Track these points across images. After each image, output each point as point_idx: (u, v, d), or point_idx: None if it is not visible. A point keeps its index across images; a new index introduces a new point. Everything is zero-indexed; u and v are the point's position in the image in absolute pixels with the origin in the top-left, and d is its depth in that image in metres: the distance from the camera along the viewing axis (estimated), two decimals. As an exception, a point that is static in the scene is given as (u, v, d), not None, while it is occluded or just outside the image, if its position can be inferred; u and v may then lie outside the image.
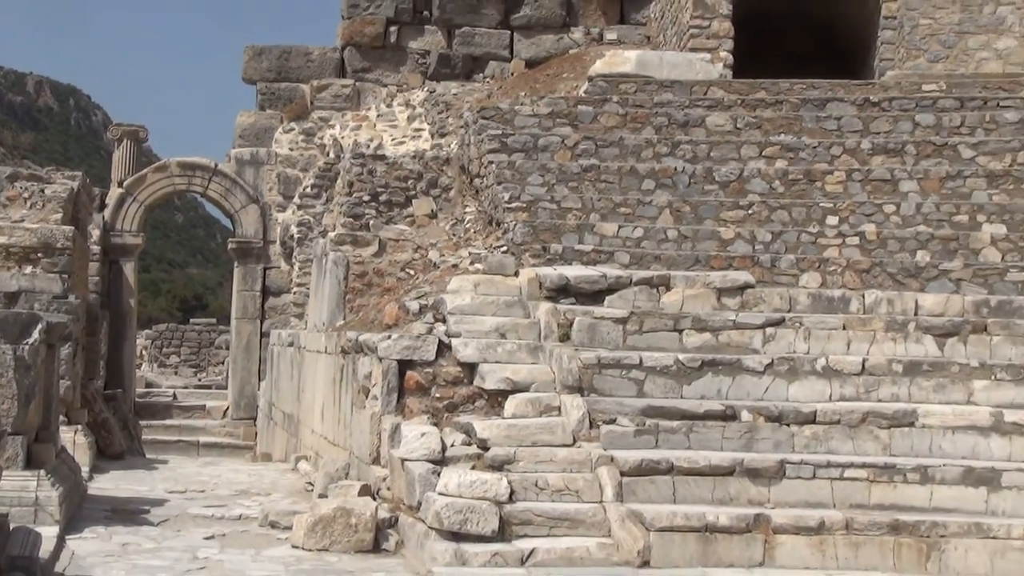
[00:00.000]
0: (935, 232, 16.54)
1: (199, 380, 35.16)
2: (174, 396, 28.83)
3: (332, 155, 23.72)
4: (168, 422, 25.94)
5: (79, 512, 14.49)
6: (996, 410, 14.08)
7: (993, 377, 14.56)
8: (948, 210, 16.67)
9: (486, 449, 13.00)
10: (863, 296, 15.68)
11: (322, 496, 14.69)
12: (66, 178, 20.07)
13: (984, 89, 17.53)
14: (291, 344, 21.56)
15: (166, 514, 15.03)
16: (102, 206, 25.70)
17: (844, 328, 15.21)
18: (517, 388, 13.92)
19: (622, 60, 19.16)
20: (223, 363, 33.76)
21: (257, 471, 20.55)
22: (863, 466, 13.57)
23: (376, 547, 12.92)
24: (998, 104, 17.20)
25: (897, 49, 21.20)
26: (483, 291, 15.47)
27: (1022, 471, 13.42)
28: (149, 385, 31.03)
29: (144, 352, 36.49)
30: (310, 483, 16.98)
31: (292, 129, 26.48)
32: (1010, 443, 13.86)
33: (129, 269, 26.06)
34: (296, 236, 22.99)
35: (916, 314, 15.38)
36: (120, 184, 26.32)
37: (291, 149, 26.11)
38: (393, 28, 26.79)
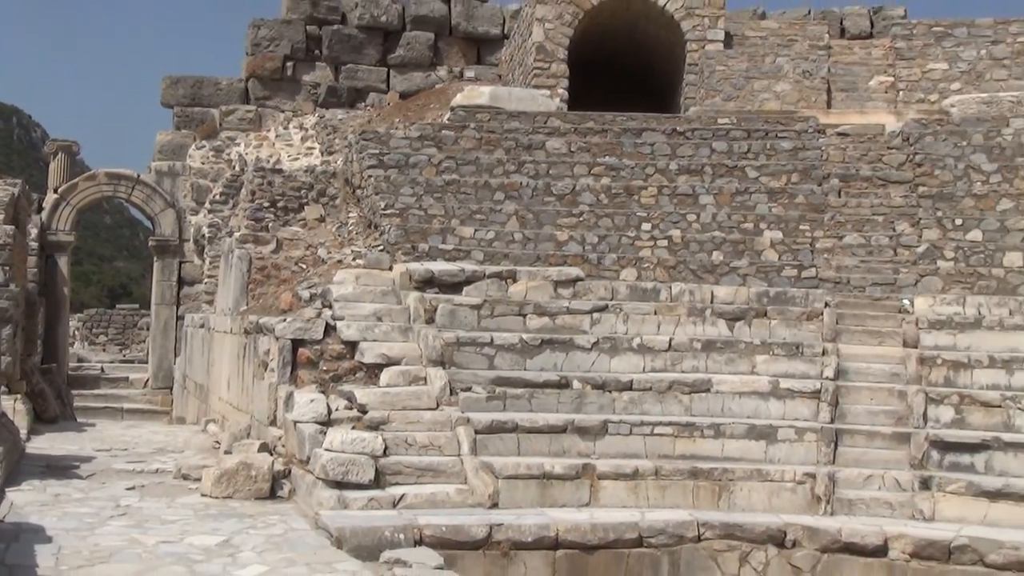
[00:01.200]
0: (727, 237, 16.87)
1: (124, 356, 34.37)
2: (102, 370, 28.14)
3: (237, 168, 23.31)
4: (96, 391, 25.37)
5: (18, 468, 14.10)
6: (773, 379, 14.44)
7: (771, 353, 14.90)
8: (737, 219, 17.00)
9: (365, 413, 12.96)
10: (670, 288, 15.91)
11: (227, 453, 14.51)
12: (8, 185, 19.38)
13: (766, 123, 17.88)
14: (202, 326, 21.23)
15: (93, 469, 14.70)
16: (40, 209, 25.06)
17: (655, 313, 15.42)
18: (391, 362, 13.88)
19: (478, 94, 19.14)
20: (144, 342, 32.90)
21: (172, 432, 20.23)
22: (669, 424, 13.83)
23: (272, 494, 12.83)
24: (776, 135, 17.57)
25: (698, 90, 21.61)
26: (363, 282, 15.35)
27: (793, 427, 13.81)
28: (80, 360, 30.16)
29: (76, 332, 35.44)
30: (217, 442, 16.74)
31: (204, 146, 26.09)
32: (784, 405, 14.23)
33: (63, 262, 25.53)
34: (207, 236, 22.56)
35: (712, 302, 15.65)
36: (55, 191, 25.75)
37: (203, 163, 25.71)
38: (290, 63, 26.63)
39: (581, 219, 17.07)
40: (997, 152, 16.76)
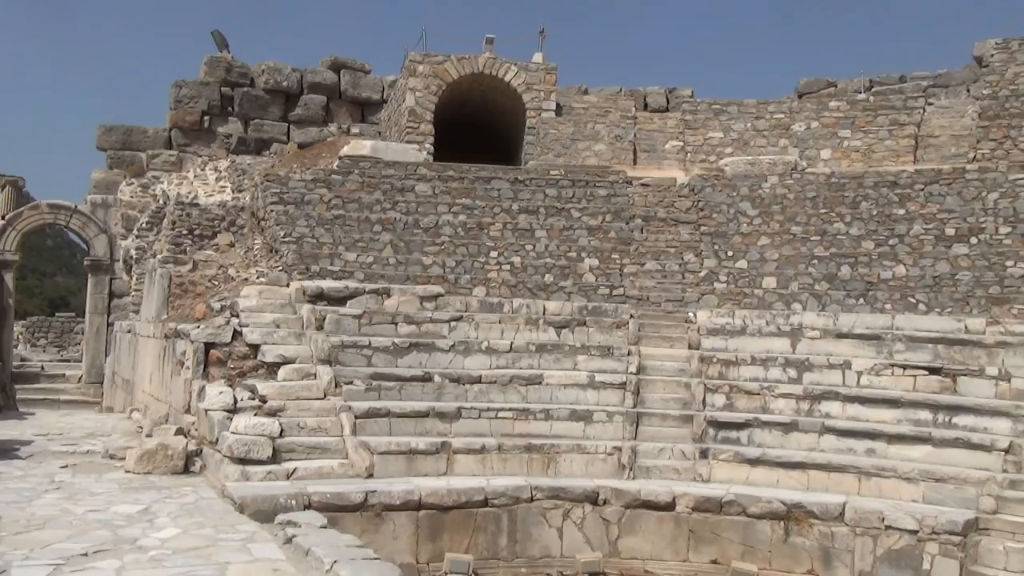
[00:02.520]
0: (556, 263, 17.14)
1: (61, 356, 32.65)
2: (42, 368, 26.69)
3: (161, 202, 22.47)
4: (37, 386, 24.03)
5: (-35, 451, 13.27)
6: (591, 374, 14.75)
7: (589, 353, 15.22)
8: (564, 249, 17.29)
9: (265, 402, 12.74)
10: (512, 302, 16.10)
11: (148, 436, 14.08)
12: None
13: (587, 175, 18.23)
14: (130, 331, 20.44)
15: (32, 451, 14.01)
16: (-11, 234, 23.68)
17: (500, 322, 15.59)
18: (287, 361, 13.67)
19: (362, 146, 18.97)
20: (80, 344, 31.30)
21: (102, 420, 19.35)
22: (510, 410, 14.00)
23: (186, 470, 12.51)
24: (595, 184, 17.92)
25: (535, 147, 21.91)
26: (265, 296, 15.05)
27: (605, 411, 14.12)
28: (24, 360, 28.48)
29: (20, 336, 33.47)
30: (140, 427, 16.13)
31: (132, 183, 25.09)
32: (598, 394, 14.55)
33: (9, 278, 24.12)
34: (135, 257, 21.67)
35: (544, 314, 15.89)
36: (3, 218, 24.34)
37: (132, 197, 24.69)
38: (207, 117, 25.93)
39: (442, 247, 17.10)
40: (758, 201, 17.47)
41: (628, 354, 15.14)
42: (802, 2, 72.95)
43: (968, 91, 21.21)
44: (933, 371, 13.94)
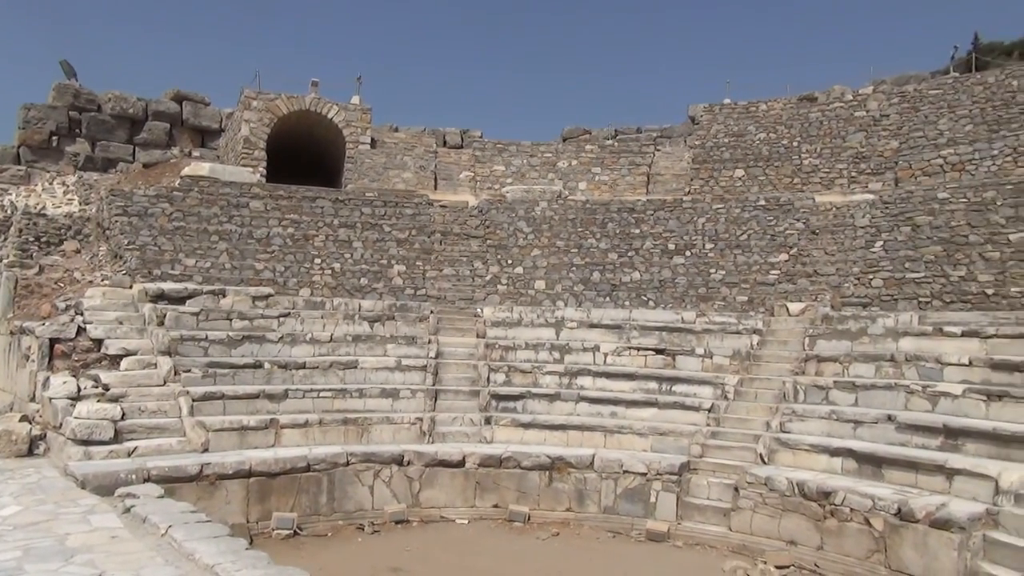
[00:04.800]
0: (370, 268, 16.87)
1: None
2: None
3: (9, 212, 19.98)
4: None
5: None
6: (398, 359, 14.59)
7: (397, 342, 15.05)
8: (377, 257, 17.05)
9: (107, 390, 11.65)
10: (332, 301, 15.67)
11: (-7, 423, 12.40)
12: None
13: (396, 197, 18.07)
14: (-24, 329, 18.05)
15: None
16: None
17: (322, 318, 15.12)
18: (129, 353, 12.57)
19: (201, 168, 17.77)
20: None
21: (-52, 410, 16.95)
22: (330, 390, 13.59)
23: (31, 453, 11.24)
24: (403, 205, 17.80)
25: (353, 174, 21.45)
26: (109, 297, 13.80)
27: (409, 389, 13.98)
28: None
29: None
30: (-14, 415, 14.24)
31: (-19, 195, 22.19)
32: (404, 375, 14.41)
33: None
34: (-17, 261, 19.21)
35: (359, 311, 15.57)
36: None
37: (-20, 207, 21.86)
38: (55, 137, 23.26)
39: (273, 255, 16.38)
40: (532, 221, 17.99)
41: (429, 342, 15.11)
42: (567, 63, 75.96)
43: (685, 141, 22.80)
44: (659, 351, 14.87)
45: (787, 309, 15.13)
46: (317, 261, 16.60)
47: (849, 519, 10.11)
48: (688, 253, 16.87)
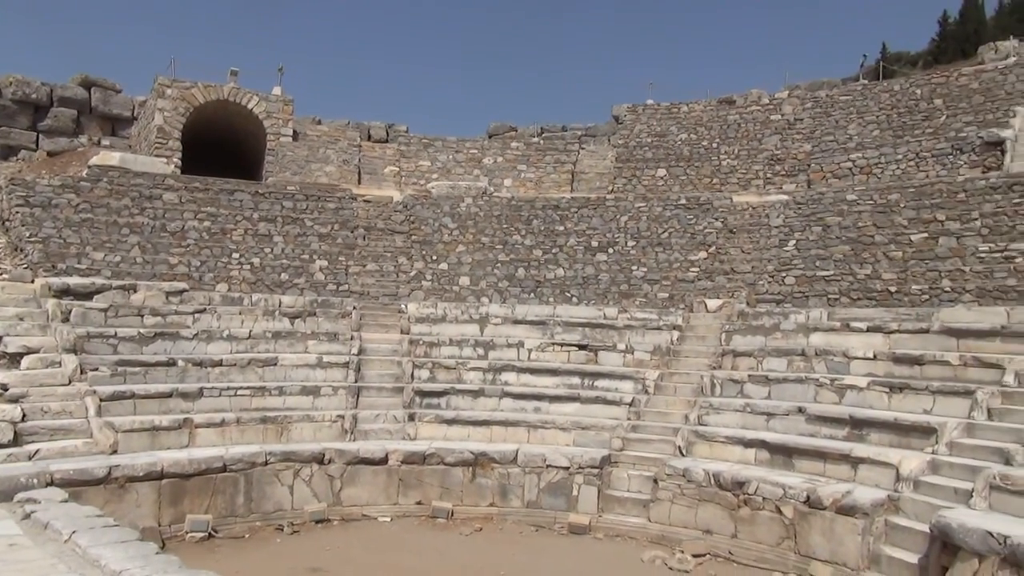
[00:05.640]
0: (291, 263, 16.53)
1: None
2: None
3: None
4: None
5: None
6: (319, 355, 14.35)
7: (319, 339, 14.79)
8: (298, 252, 16.72)
9: (6, 390, 11.03)
10: (252, 297, 15.26)
11: None
12: None
13: (319, 191, 17.78)
14: None
15: None
16: None
17: (240, 314, 14.71)
18: (31, 351, 11.93)
19: (111, 157, 17.07)
20: None
21: None
22: (248, 388, 13.26)
23: (-81, 457, 10.40)
24: (325, 199, 17.53)
25: (275, 166, 20.98)
26: (8, 292, 13.08)
27: (331, 386, 13.76)
28: None
29: None
30: None
31: None
32: (326, 372, 14.17)
33: None
34: None
35: (280, 306, 15.22)
36: None
37: None
38: (-49, 123, 21.95)
39: (188, 249, 15.86)
40: (457, 217, 17.97)
41: (351, 339, 14.90)
42: (494, 59, 76.18)
43: (609, 140, 23.18)
44: (582, 347, 15.07)
45: (706, 305, 15.58)
46: (235, 256, 16.16)
47: (762, 508, 10.49)
48: (611, 250, 17.16)
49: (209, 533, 10.74)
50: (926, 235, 14.14)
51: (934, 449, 10.09)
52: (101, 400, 11.50)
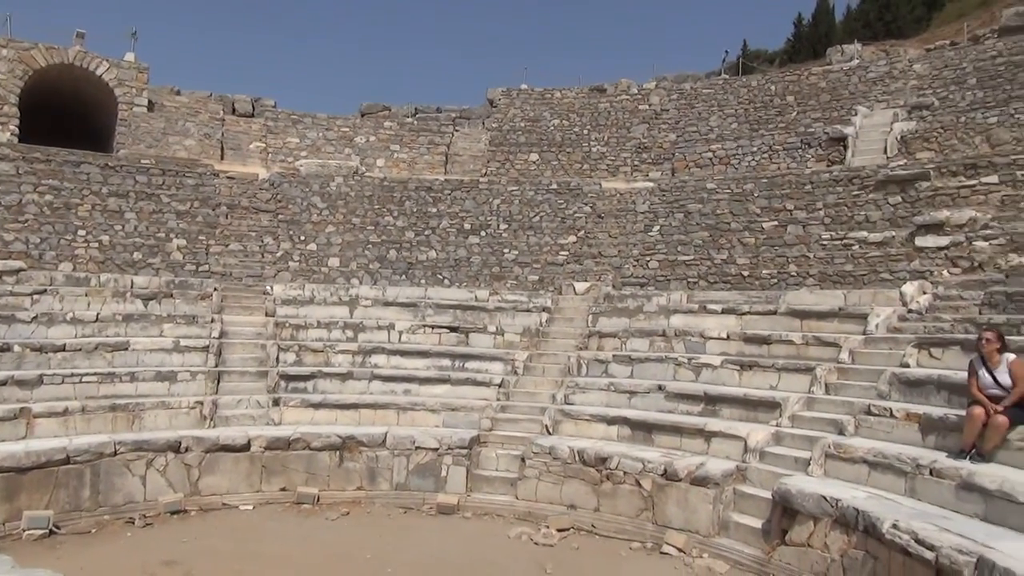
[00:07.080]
0: (145, 242, 15.64)
1: None
2: None
3: None
4: None
5: None
6: (176, 339, 13.70)
7: (175, 322, 14.12)
8: (153, 230, 15.84)
9: None
10: (100, 277, 14.34)
11: None
12: None
13: (177, 166, 16.86)
14: None
15: None
16: None
17: (87, 295, 13.81)
18: None
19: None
20: None
21: None
22: (95, 374, 12.48)
23: None
24: (184, 175, 16.66)
25: (127, 138, 19.72)
26: None
27: (189, 371, 13.19)
28: None
29: None
30: None
31: None
32: (183, 357, 13.56)
33: None
34: None
35: (132, 288, 14.40)
36: None
37: None
38: None
39: (26, 224, 14.67)
40: (327, 196, 17.55)
41: (212, 321, 14.28)
42: (367, 36, 74.69)
43: (483, 124, 23.27)
44: (453, 329, 15.15)
45: (574, 288, 16.03)
46: (81, 233, 15.10)
47: (623, 481, 10.96)
48: (483, 233, 17.30)
49: (50, 530, 10.04)
50: (776, 223, 15.14)
51: (778, 422, 10.87)
52: (-80, 389, 10.47)
